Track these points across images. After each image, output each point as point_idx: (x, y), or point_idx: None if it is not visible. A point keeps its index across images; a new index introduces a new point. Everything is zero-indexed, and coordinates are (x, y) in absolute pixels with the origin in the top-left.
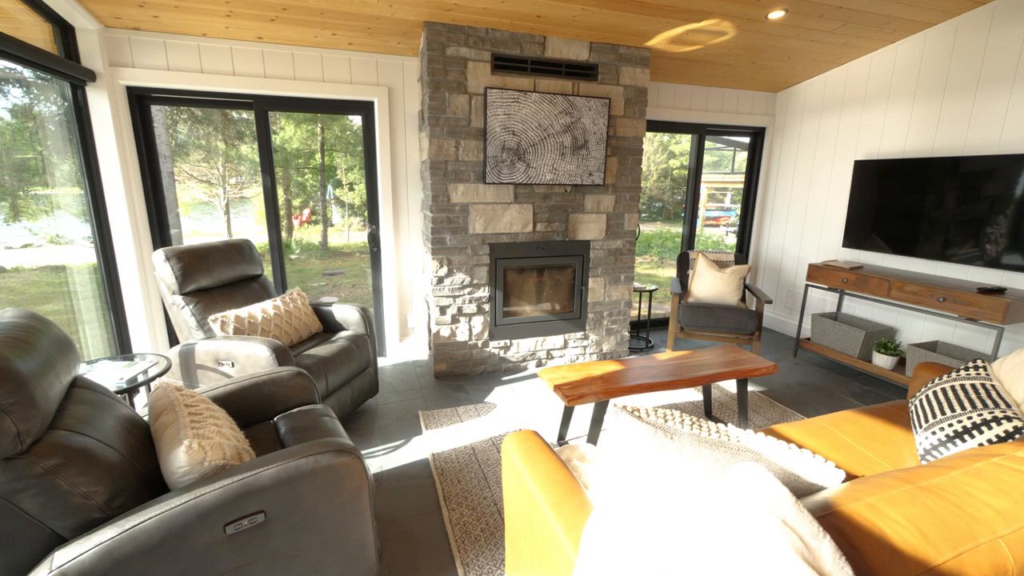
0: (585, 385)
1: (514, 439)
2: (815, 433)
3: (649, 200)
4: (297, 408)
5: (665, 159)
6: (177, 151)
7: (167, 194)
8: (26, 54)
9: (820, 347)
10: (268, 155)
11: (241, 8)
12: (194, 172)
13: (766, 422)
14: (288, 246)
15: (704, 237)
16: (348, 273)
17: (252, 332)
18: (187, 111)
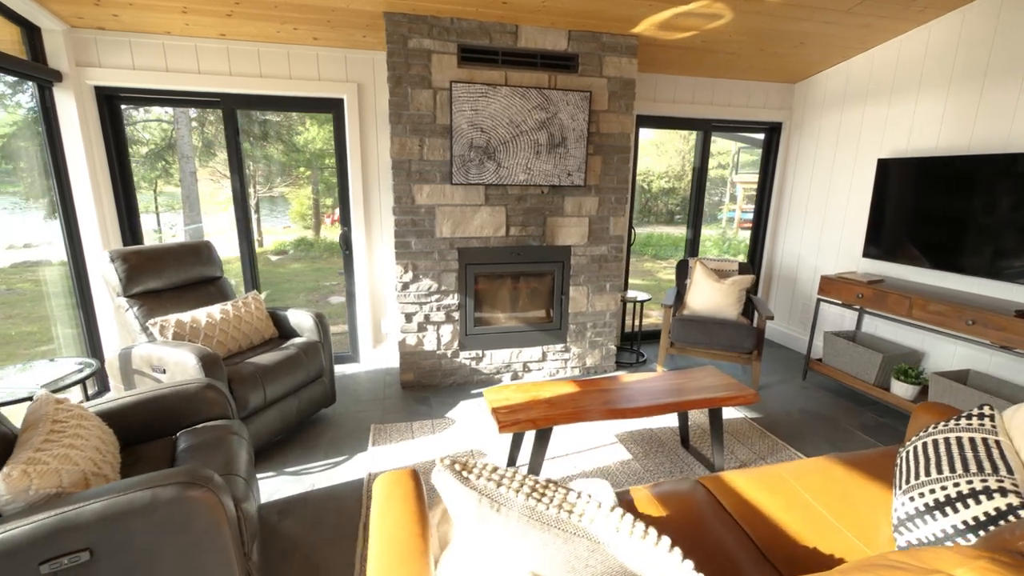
0: (525, 409)
1: (382, 482)
2: (770, 485)
3: (683, 201)
4: (204, 423)
5: None
6: (204, 151)
7: (189, 193)
8: (8, 69)
9: (832, 370)
10: (237, 155)
11: (196, 4)
12: (226, 172)
13: (752, 457)
14: (313, 245)
15: (737, 241)
16: None
17: (194, 337)
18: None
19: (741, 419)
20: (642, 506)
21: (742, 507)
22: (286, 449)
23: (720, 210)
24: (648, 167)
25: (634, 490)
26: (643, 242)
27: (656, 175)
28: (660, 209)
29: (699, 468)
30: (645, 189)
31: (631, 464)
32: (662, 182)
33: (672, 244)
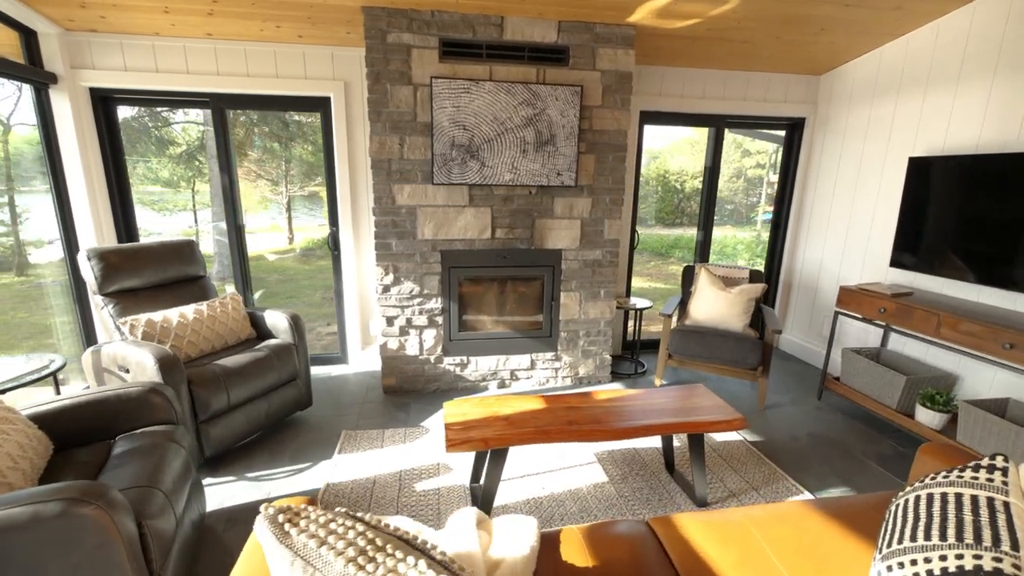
0: (480, 426)
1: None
2: (727, 535)
3: (718, 202)
4: (145, 429)
5: (739, 157)
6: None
7: (217, 192)
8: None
9: (850, 391)
10: (227, 154)
11: (177, 3)
12: (262, 172)
13: (743, 486)
14: None
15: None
16: None
17: (164, 337)
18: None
19: (738, 442)
20: (568, 552)
21: (690, 559)
22: (252, 453)
23: (755, 212)
24: (682, 166)
25: (566, 531)
26: (671, 244)
27: (691, 175)
28: (694, 210)
29: (680, 497)
30: (678, 189)
31: (605, 488)
32: (696, 182)
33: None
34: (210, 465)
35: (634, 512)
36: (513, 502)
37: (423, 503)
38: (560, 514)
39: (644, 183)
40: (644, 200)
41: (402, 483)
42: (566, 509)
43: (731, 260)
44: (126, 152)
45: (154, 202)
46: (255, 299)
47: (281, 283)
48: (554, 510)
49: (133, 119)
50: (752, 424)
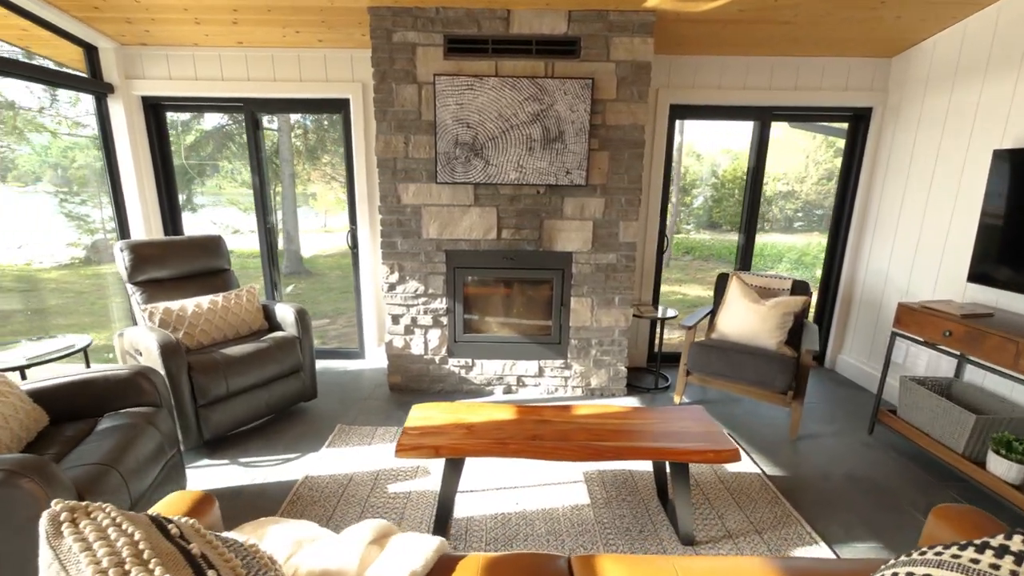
0: (438, 433)
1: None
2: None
3: (806, 206)
4: (130, 409)
5: (831, 157)
6: (308, 155)
7: (287, 193)
8: (58, 79)
9: (907, 427)
10: (257, 155)
11: (203, 14)
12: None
13: (744, 527)
14: None
15: None
16: None
17: (179, 325)
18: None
19: (753, 475)
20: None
21: None
22: (249, 439)
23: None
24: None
25: (469, 559)
26: (733, 250)
27: (775, 176)
28: (774, 215)
29: (666, 531)
30: (722, 188)
31: (583, 512)
32: (781, 184)
33: (776, 255)
34: (208, 447)
35: (607, 541)
36: (479, 515)
37: (389, 505)
38: (525, 534)
39: (719, 185)
40: (719, 203)
41: (377, 483)
42: (533, 529)
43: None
44: (216, 157)
45: (238, 201)
46: (284, 293)
47: (341, 279)
48: (520, 529)
49: (222, 127)
50: (777, 456)
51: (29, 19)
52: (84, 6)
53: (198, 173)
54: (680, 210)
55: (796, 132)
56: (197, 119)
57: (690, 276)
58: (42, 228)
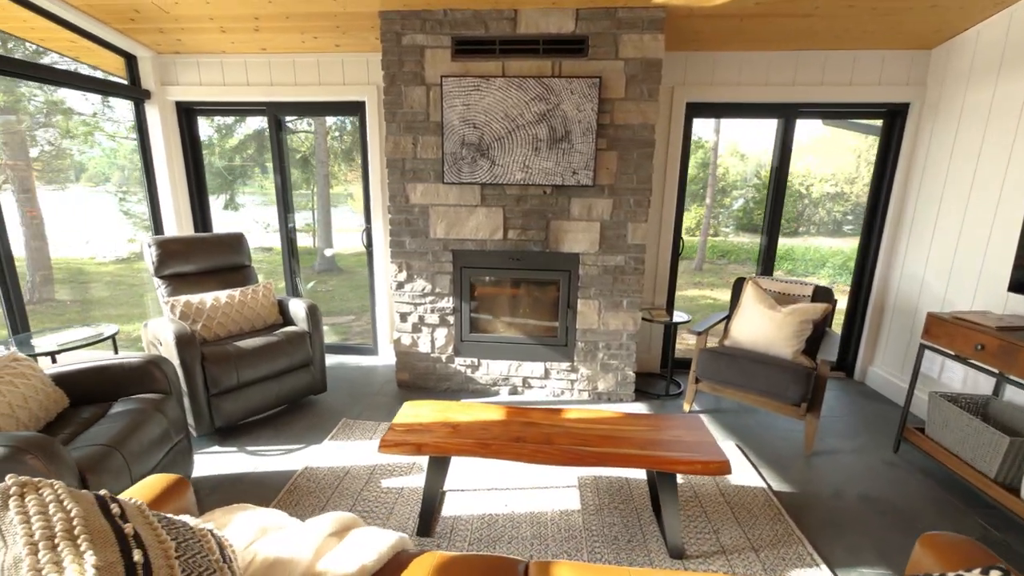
0: (422, 431)
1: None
2: None
3: (856, 208)
4: (141, 395)
5: None
6: (344, 156)
7: (321, 192)
8: (103, 87)
9: (935, 447)
10: (280, 157)
11: (228, 23)
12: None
13: (741, 543)
14: None
15: None
16: None
17: (198, 317)
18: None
19: (757, 489)
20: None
21: None
22: (259, 429)
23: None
24: (807, 168)
25: (426, 556)
26: (781, 256)
27: (820, 178)
28: (821, 218)
29: (656, 543)
30: (803, 194)
31: (573, 518)
32: (827, 186)
33: (818, 260)
34: (220, 434)
35: (592, 549)
36: (466, 515)
37: (380, 500)
38: (510, 536)
39: (761, 186)
40: (761, 205)
41: (372, 477)
42: (519, 532)
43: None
44: (257, 159)
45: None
46: (306, 289)
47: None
48: (505, 531)
49: (263, 130)
50: (787, 471)
51: (75, 32)
52: (122, 18)
53: (240, 174)
54: (719, 212)
55: (846, 131)
56: (239, 123)
57: (724, 280)
58: (105, 225)
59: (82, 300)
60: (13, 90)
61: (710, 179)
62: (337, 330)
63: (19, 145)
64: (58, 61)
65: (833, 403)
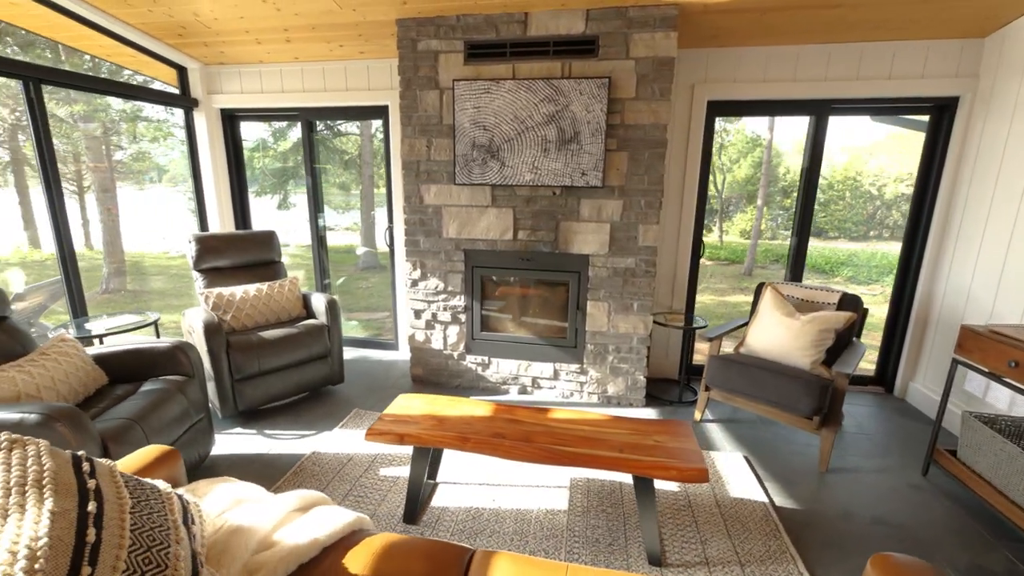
0: (409, 422)
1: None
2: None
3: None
4: (168, 376)
5: None
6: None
7: (367, 192)
8: (156, 97)
9: (966, 471)
10: (310, 160)
11: (262, 35)
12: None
13: (727, 556)
14: None
15: None
16: None
17: (228, 308)
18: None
19: (757, 503)
20: (354, 556)
21: None
22: (278, 414)
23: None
24: (880, 167)
25: (378, 537)
26: (841, 261)
27: (894, 178)
28: (895, 221)
29: (637, 548)
30: (874, 195)
31: (557, 518)
32: (903, 186)
33: (887, 266)
34: (243, 417)
35: (570, 549)
36: (454, 507)
37: (376, 487)
38: (491, 531)
39: (828, 187)
40: (826, 207)
41: (372, 466)
42: (501, 527)
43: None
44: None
45: (330, 200)
46: (336, 285)
47: None
48: (488, 525)
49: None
50: (796, 487)
51: (134, 47)
52: (171, 33)
53: (292, 175)
54: (778, 214)
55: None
56: (291, 126)
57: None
58: (180, 222)
59: (149, 290)
60: (92, 101)
61: (762, 179)
62: (371, 325)
63: (99, 149)
64: (130, 76)
65: (865, 419)
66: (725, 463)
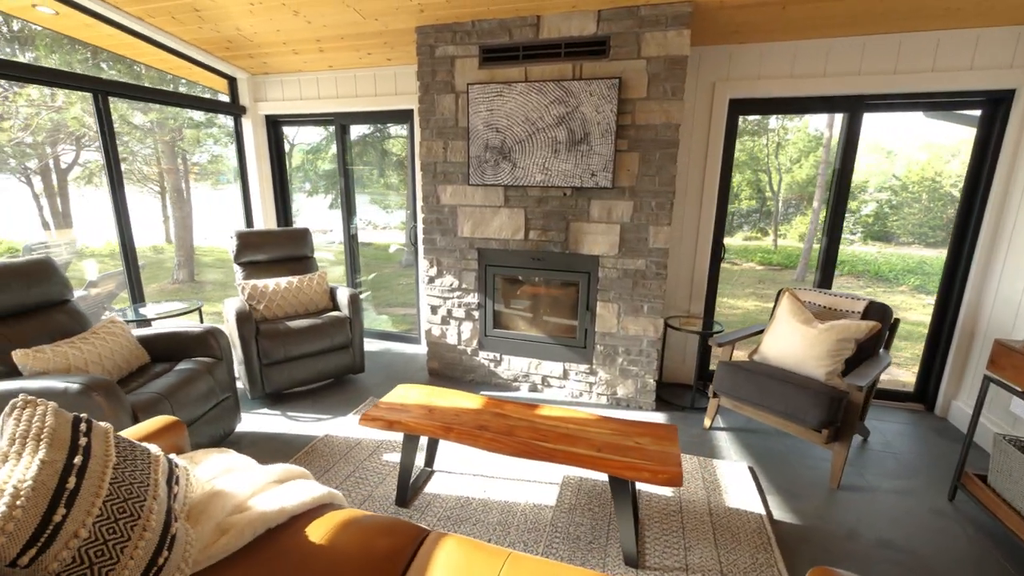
0: (399, 411)
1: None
2: (468, 570)
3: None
4: (199, 358)
5: None
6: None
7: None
8: (210, 106)
9: (994, 499)
10: (343, 162)
11: (298, 46)
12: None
13: (711, 565)
14: None
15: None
16: None
17: (261, 299)
18: None
19: (753, 514)
20: (317, 525)
21: None
22: (301, 398)
23: None
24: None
25: (342, 511)
26: (909, 269)
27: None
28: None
29: (617, 547)
30: (955, 198)
31: (543, 513)
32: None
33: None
34: (270, 399)
35: (549, 543)
36: (446, 494)
37: (375, 470)
38: (476, 519)
39: (901, 187)
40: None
41: (376, 451)
42: (486, 517)
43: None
44: (357, 163)
45: (380, 201)
46: (367, 281)
47: None
48: (474, 514)
49: (364, 136)
50: (799, 502)
51: (191, 61)
52: (220, 47)
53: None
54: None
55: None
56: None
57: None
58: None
59: (212, 281)
60: (164, 109)
61: (819, 180)
62: (405, 320)
63: (171, 152)
64: (190, 87)
65: (895, 437)
66: (727, 472)
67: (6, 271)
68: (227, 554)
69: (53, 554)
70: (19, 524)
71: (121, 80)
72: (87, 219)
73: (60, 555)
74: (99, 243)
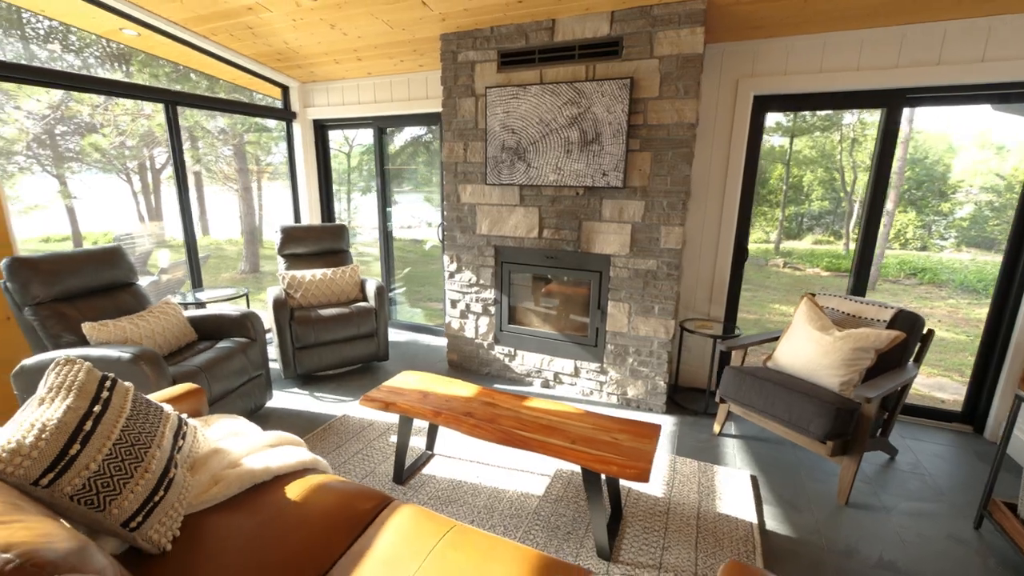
0: (397, 395)
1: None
2: (416, 535)
3: None
4: (237, 339)
5: None
6: None
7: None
8: (265, 113)
9: (1021, 531)
10: (381, 164)
11: (338, 56)
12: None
13: (685, 566)
14: None
15: None
16: None
17: (298, 288)
18: None
19: (743, 522)
20: (295, 487)
21: (364, 542)
22: (328, 380)
23: None
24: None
25: (318, 476)
26: (982, 277)
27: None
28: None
29: (593, 543)
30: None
31: (528, 501)
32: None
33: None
34: (301, 380)
35: (527, 530)
36: (440, 475)
37: (381, 450)
38: (463, 501)
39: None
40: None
41: (385, 433)
42: (474, 500)
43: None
44: (410, 163)
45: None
46: (399, 275)
47: None
48: (461, 496)
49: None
50: (798, 514)
51: (250, 73)
52: (273, 59)
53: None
54: (932, 220)
55: None
56: (396, 132)
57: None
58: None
59: (271, 272)
60: (232, 116)
61: (896, 179)
62: (438, 313)
63: (241, 155)
64: (252, 96)
65: (929, 457)
66: (726, 479)
67: (81, 257)
68: (217, 501)
69: (67, 480)
70: (42, 452)
71: (187, 91)
72: (174, 214)
73: (73, 481)
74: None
